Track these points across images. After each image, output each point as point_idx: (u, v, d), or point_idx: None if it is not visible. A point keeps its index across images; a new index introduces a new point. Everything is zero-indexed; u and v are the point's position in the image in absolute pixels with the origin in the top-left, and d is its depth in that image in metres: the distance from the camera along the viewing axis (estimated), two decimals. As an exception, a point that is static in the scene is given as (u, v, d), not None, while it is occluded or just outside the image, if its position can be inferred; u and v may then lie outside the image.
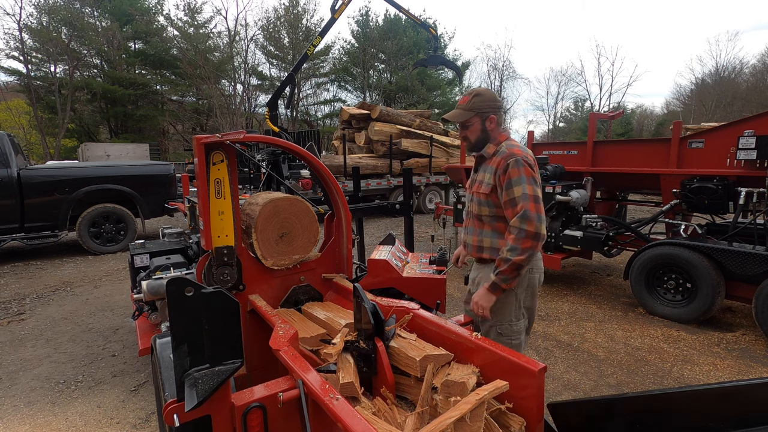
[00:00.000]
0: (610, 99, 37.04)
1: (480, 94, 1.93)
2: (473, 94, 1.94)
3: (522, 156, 1.81)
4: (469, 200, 2.08)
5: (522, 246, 1.72)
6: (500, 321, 1.91)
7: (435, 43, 11.19)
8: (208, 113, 26.69)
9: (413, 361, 1.39)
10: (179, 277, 1.26)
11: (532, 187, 1.77)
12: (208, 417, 1.28)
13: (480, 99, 1.92)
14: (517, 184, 1.77)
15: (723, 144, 4.10)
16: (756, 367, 3.26)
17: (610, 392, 2.91)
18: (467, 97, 1.95)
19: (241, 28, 28.36)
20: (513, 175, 1.78)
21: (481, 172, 1.98)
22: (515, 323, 1.92)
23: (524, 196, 1.75)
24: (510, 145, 1.89)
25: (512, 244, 1.74)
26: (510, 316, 1.91)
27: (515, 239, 1.74)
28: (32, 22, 22.36)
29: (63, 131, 22.58)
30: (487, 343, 1.42)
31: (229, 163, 2.01)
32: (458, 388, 1.25)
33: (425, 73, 28.94)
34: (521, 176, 1.77)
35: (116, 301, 4.94)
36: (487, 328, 1.94)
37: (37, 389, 3.08)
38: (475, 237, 2.02)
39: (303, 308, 2.18)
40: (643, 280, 4.26)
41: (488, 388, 1.21)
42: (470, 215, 2.07)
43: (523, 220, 1.73)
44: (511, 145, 1.89)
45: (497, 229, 1.93)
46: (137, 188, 7.52)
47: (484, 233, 1.98)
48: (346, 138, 11.66)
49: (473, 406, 1.14)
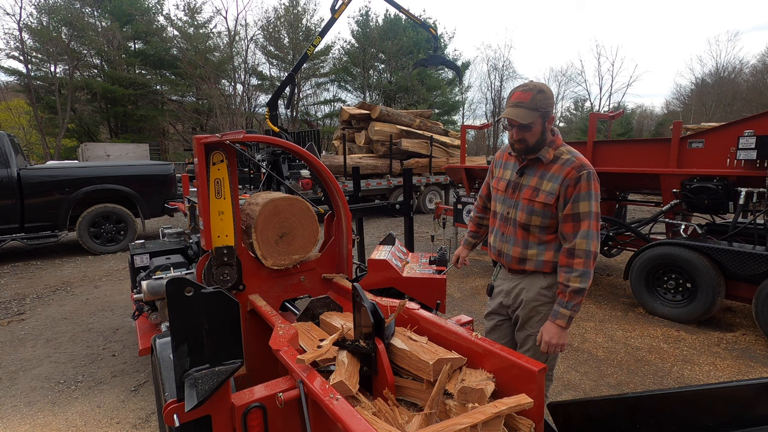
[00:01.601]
0: (610, 99, 37.03)
1: (543, 90, 1.72)
2: (537, 90, 1.71)
3: (593, 169, 1.71)
4: (509, 206, 1.89)
5: (590, 269, 1.64)
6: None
7: (435, 43, 11.19)
8: (208, 113, 26.69)
9: (426, 365, 1.36)
10: (179, 277, 1.26)
11: (598, 204, 1.69)
12: (208, 417, 1.28)
13: (544, 96, 1.71)
14: (585, 200, 1.67)
15: (723, 144, 4.10)
16: (756, 367, 3.26)
17: (610, 392, 2.91)
18: (529, 93, 1.71)
19: (241, 28, 28.45)
20: (584, 188, 1.67)
21: (535, 177, 1.80)
22: None
23: (591, 213, 1.66)
24: (574, 153, 1.75)
25: (582, 269, 1.63)
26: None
27: (585, 263, 1.63)
28: (32, 22, 22.37)
29: (63, 131, 22.58)
30: (487, 344, 1.42)
31: (229, 163, 2.01)
32: (476, 395, 1.23)
33: (425, 73, 28.93)
34: (591, 191, 1.67)
35: (116, 301, 4.94)
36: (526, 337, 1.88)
37: (37, 389, 3.08)
38: (517, 248, 1.86)
39: (321, 318, 2.04)
40: (643, 280, 4.26)
41: (509, 403, 1.17)
42: (509, 222, 1.89)
43: (590, 242, 1.64)
44: (576, 153, 1.75)
45: (545, 241, 1.81)
46: (137, 188, 7.52)
47: (530, 245, 1.83)
48: (346, 138, 11.67)
49: (488, 418, 1.11)
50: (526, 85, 1.74)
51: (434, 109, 28.89)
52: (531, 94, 1.70)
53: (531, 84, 1.74)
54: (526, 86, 1.73)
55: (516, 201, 1.86)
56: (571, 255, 1.65)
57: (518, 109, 1.71)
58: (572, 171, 1.70)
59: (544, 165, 1.78)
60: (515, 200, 1.87)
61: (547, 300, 1.84)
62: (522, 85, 1.75)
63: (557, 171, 1.74)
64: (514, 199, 1.87)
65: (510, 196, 1.89)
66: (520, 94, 1.72)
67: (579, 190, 1.68)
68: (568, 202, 1.70)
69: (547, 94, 1.72)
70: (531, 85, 1.73)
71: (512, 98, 1.74)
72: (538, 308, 1.85)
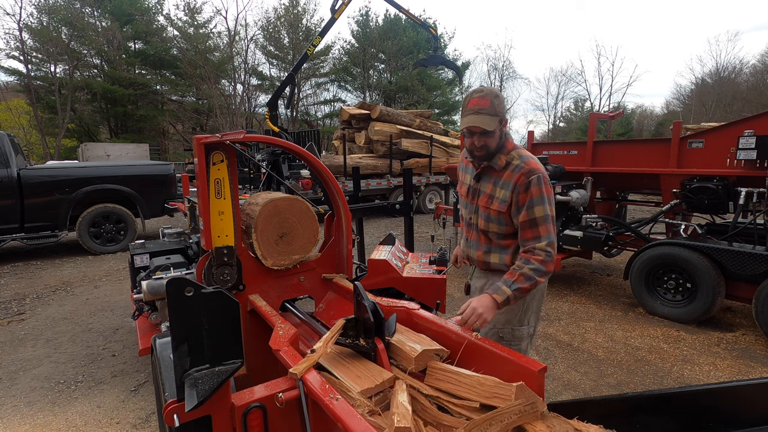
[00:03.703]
0: (610, 99, 37.06)
1: (498, 95, 1.70)
2: (493, 95, 1.69)
3: (541, 171, 1.69)
4: (471, 211, 1.92)
5: (546, 269, 1.64)
6: (503, 324, 1.85)
7: (435, 43, 11.19)
8: (208, 113, 26.69)
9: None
10: (179, 277, 1.26)
11: (552, 208, 1.69)
12: (208, 417, 1.28)
13: (500, 101, 1.69)
14: (539, 204, 1.67)
15: (723, 144, 4.10)
16: (756, 367, 3.26)
17: (610, 392, 2.91)
18: (487, 98, 1.67)
19: (241, 28, 28.45)
20: (535, 193, 1.66)
21: (489, 184, 1.81)
22: (518, 328, 1.86)
23: (546, 218, 1.67)
24: (524, 157, 1.74)
25: (538, 265, 1.63)
26: (514, 320, 1.85)
27: (543, 262, 1.64)
28: (32, 22, 22.37)
29: (63, 131, 22.58)
30: (487, 344, 1.42)
31: (229, 163, 2.01)
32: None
33: (425, 73, 28.93)
34: (543, 195, 1.67)
35: (116, 301, 4.94)
36: (487, 329, 1.86)
37: (37, 389, 3.08)
38: (480, 252, 1.92)
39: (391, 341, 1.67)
40: (643, 280, 4.26)
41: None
42: (472, 227, 1.93)
43: (549, 244, 1.65)
44: (526, 157, 1.74)
45: (504, 246, 1.84)
46: (137, 188, 7.52)
47: (492, 249, 1.87)
48: (346, 138, 11.66)
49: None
50: (480, 90, 1.70)
51: (434, 109, 28.88)
52: (489, 99, 1.67)
53: (485, 89, 1.70)
54: (482, 92, 1.69)
55: (476, 206, 1.87)
56: (531, 252, 1.66)
57: (480, 116, 1.67)
58: (521, 177, 1.69)
59: (497, 172, 1.78)
60: (475, 206, 1.88)
61: None
62: (476, 91, 1.71)
63: (508, 177, 1.73)
64: (474, 205, 1.88)
65: (471, 201, 1.90)
66: (478, 101, 1.68)
67: (531, 195, 1.67)
68: (521, 209, 1.69)
69: (501, 98, 1.72)
70: (486, 90, 1.70)
71: (470, 105, 1.69)
72: None
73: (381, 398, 1.31)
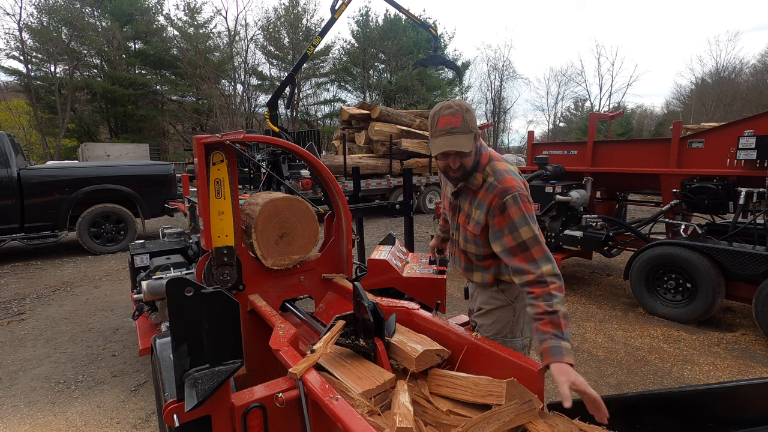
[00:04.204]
0: (610, 99, 37.06)
1: (468, 108, 1.54)
2: (464, 110, 1.52)
3: (517, 188, 1.54)
4: (453, 227, 1.84)
5: (563, 293, 1.45)
6: (493, 335, 1.79)
7: (435, 43, 11.20)
8: (208, 113, 26.70)
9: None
10: (179, 277, 1.26)
11: (536, 226, 1.55)
12: (208, 417, 1.28)
13: (471, 115, 1.54)
14: (523, 225, 1.50)
15: (723, 144, 4.10)
16: (756, 367, 3.26)
17: (610, 392, 2.91)
18: (458, 115, 1.51)
19: (241, 28, 28.44)
20: (515, 215, 1.51)
21: (467, 202, 1.70)
22: (510, 340, 1.76)
23: (536, 238, 1.49)
24: (498, 173, 1.59)
25: (560, 294, 1.43)
26: (505, 330, 1.77)
27: (559, 287, 1.44)
28: (32, 22, 22.38)
29: (63, 131, 22.59)
30: (487, 344, 1.42)
31: (229, 163, 2.01)
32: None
33: (425, 73, 28.93)
34: (524, 215, 1.51)
35: (116, 301, 4.94)
36: None
37: (37, 389, 3.08)
38: (461, 270, 1.87)
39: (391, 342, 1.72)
40: (643, 280, 4.26)
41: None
42: (454, 244, 1.85)
43: (554, 265, 1.46)
44: (500, 173, 1.59)
45: (484, 266, 1.75)
46: (137, 188, 7.52)
47: (474, 268, 1.80)
48: (346, 138, 11.66)
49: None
50: (449, 107, 1.53)
51: (434, 109, 28.84)
52: (460, 115, 1.50)
53: (454, 105, 1.53)
54: (450, 108, 1.52)
55: (456, 223, 1.80)
56: (544, 283, 1.43)
57: (454, 137, 1.51)
58: (495, 199, 1.55)
59: (472, 190, 1.66)
60: (456, 222, 1.80)
61: (501, 304, 1.78)
62: (444, 107, 1.54)
63: (483, 197, 1.61)
64: (455, 222, 1.80)
65: (452, 217, 1.83)
66: (448, 119, 1.51)
67: (510, 218, 1.51)
68: (501, 234, 1.54)
69: (472, 111, 1.56)
70: (455, 106, 1.53)
71: (440, 124, 1.52)
72: (491, 311, 1.79)
73: (380, 398, 1.31)
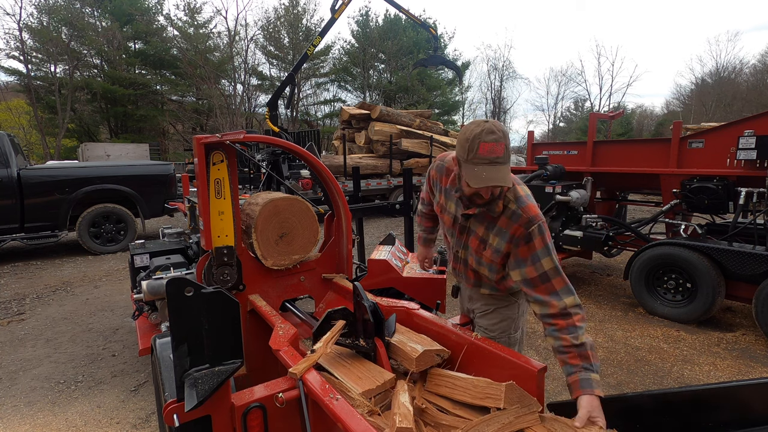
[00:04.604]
0: (610, 99, 37.08)
1: (507, 134, 1.44)
2: (506, 137, 1.42)
3: (541, 219, 1.52)
4: (458, 245, 1.75)
5: (585, 323, 1.44)
6: (500, 333, 1.83)
7: (435, 43, 11.20)
8: (208, 113, 26.70)
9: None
10: (179, 277, 1.26)
11: (555, 253, 1.52)
12: (208, 417, 1.28)
13: (509, 140, 1.45)
14: (546, 255, 1.47)
15: (723, 144, 4.10)
16: (756, 367, 3.26)
17: (609, 392, 2.90)
18: (501, 143, 1.38)
19: (241, 28, 28.41)
20: (539, 245, 1.48)
21: (482, 227, 1.62)
22: (513, 335, 1.84)
23: (557, 269, 1.47)
24: (521, 201, 1.53)
25: (581, 324, 1.41)
26: (509, 328, 1.83)
27: (582, 318, 1.42)
28: (32, 22, 22.38)
29: (63, 131, 22.59)
30: (487, 344, 1.42)
31: (229, 163, 2.01)
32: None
33: (425, 73, 28.93)
34: (547, 245, 1.49)
35: (116, 301, 4.94)
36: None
37: (37, 389, 3.08)
38: (469, 285, 1.88)
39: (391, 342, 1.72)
40: (643, 280, 4.26)
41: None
42: (459, 261, 1.80)
43: (575, 297, 1.45)
44: (523, 201, 1.53)
45: (495, 284, 1.76)
46: (137, 188, 7.52)
47: (483, 284, 1.81)
48: (346, 138, 11.66)
49: None
50: (492, 132, 1.38)
51: (434, 109, 28.88)
52: (503, 144, 1.39)
53: (497, 130, 1.39)
54: (494, 134, 1.38)
55: (465, 243, 1.71)
56: (567, 315, 1.41)
57: (498, 169, 1.38)
58: (520, 229, 1.51)
59: (491, 216, 1.58)
60: (464, 242, 1.71)
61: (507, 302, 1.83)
62: (487, 132, 1.38)
63: (504, 225, 1.55)
64: (463, 241, 1.72)
65: (458, 236, 1.73)
66: (492, 147, 1.37)
67: (534, 248, 1.49)
68: (524, 263, 1.50)
69: (508, 138, 1.45)
70: (498, 131, 1.39)
71: (481, 151, 1.37)
72: (499, 309, 1.83)
73: (381, 398, 1.31)
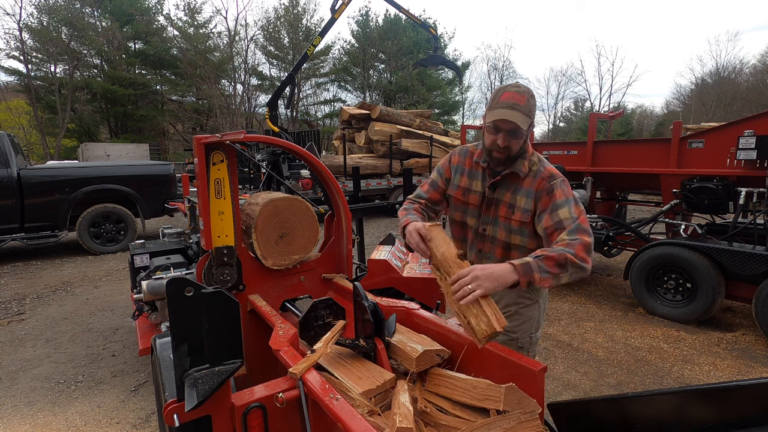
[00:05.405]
0: (610, 99, 37.07)
1: (533, 96, 1.53)
2: (530, 95, 1.51)
3: (562, 176, 1.56)
4: (484, 222, 1.70)
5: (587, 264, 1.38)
6: (522, 334, 1.75)
7: (435, 43, 11.19)
8: (208, 113, 26.71)
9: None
10: (179, 277, 1.26)
11: (580, 209, 1.49)
12: (208, 417, 1.28)
13: (535, 103, 1.54)
14: (564, 206, 1.48)
15: (723, 144, 4.10)
16: (756, 367, 3.26)
17: (610, 392, 2.91)
18: (524, 96, 1.49)
19: (241, 28, 28.48)
20: (559, 197, 1.50)
21: (508, 192, 1.62)
22: (534, 334, 1.78)
23: (572, 218, 1.45)
24: (543, 163, 1.61)
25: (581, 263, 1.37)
26: (531, 328, 1.77)
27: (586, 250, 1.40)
28: (32, 22, 22.39)
29: (63, 131, 22.59)
30: (487, 344, 1.41)
31: (229, 163, 2.01)
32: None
33: (425, 73, 28.93)
34: (568, 198, 1.50)
35: (116, 301, 4.94)
36: (505, 341, 1.71)
37: (37, 389, 3.08)
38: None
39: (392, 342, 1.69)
40: (643, 280, 4.26)
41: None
42: (485, 239, 1.70)
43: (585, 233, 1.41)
44: (544, 163, 1.62)
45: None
46: (137, 188, 7.52)
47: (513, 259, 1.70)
48: (346, 138, 11.66)
49: None
50: (518, 86, 1.52)
51: (434, 109, 28.90)
52: (526, 97, 1.49)
53: (523, 86, 1.52)
54: (519, 87, 1.51)
55: (493, 218, 1.67)
56: (572, 245, 1.39)
57: (515, 112, 1.47)
58: (543, 182, 1.55)
59: (519, 178, 1.60)
60: (492, 216, 1.67)
61: (529, 302, 1.74)
62: (512, 85, 1.53)
63: (529, 185, 1.58)
64: (491, 216, 1.68)
65: (485, 212, 1.69)
66: (514, 95, 1.49)
67: (553, 199, 1.51)
68: (545, 213, 1.52)
69: (535, 100, 1.55)
70: (523, 87, 1.52)
71: (504, 98, 1.50)
72: (520, 311, 1.76)
73: (381, 398, 1.31)
